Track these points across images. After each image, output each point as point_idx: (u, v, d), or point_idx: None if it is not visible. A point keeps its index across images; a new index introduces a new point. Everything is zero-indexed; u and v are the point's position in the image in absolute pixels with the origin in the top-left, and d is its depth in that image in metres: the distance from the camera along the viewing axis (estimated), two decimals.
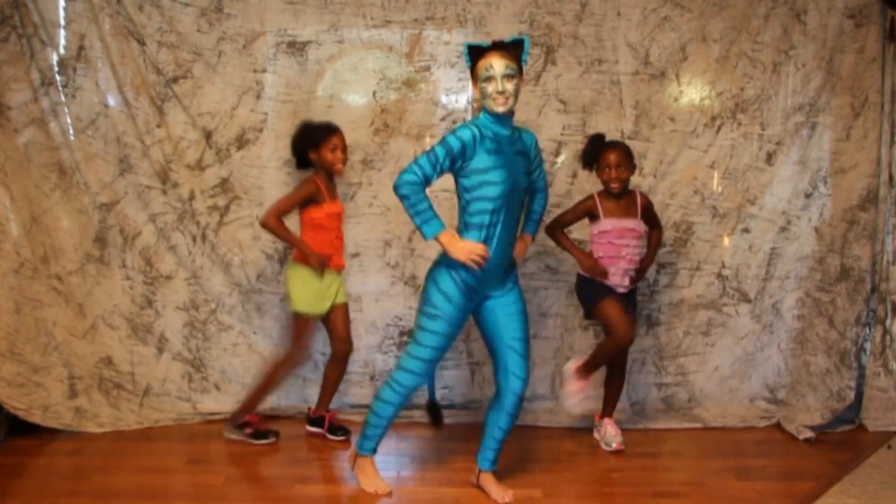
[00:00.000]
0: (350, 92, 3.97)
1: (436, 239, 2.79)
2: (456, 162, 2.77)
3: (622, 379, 3.66)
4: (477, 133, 2.77)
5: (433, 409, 3.24)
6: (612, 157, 3.42)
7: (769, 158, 4.00)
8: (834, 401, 3.85)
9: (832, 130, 3.98)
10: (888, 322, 3.93)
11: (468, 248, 2.78)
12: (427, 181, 2.78)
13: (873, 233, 3.90)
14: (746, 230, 4.02)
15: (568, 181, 3.96)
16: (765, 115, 3.99)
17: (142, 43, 3.82)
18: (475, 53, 2.81)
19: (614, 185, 3.44)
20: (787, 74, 3.97)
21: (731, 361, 4.05)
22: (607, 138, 3.55)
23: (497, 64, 2.75)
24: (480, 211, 2.81)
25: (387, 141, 3.94)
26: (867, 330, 3.94)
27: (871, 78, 3.89)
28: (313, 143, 3.45)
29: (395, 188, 2.77)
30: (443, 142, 2.77)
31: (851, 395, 3.85)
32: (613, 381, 3.64)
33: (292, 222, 3.50)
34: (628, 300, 3.53)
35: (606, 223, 3.48)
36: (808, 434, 3.67)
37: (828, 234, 3.98)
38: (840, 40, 3.92)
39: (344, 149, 3.49)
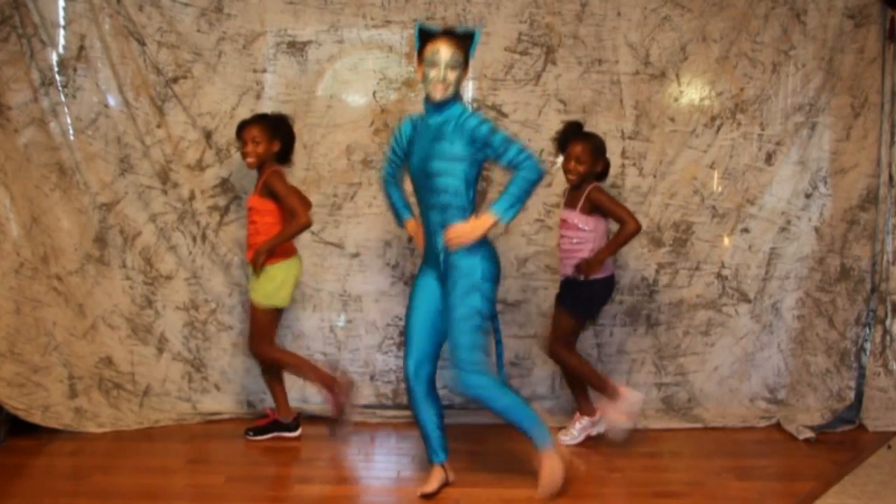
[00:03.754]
0: (350, 92, 3.97)
1: (404, 228, 3.17)
2: (403, 151, 3.00)
3: (570, 376, 3.61)
4: (402, 124, 3.01)
5: None
6: (574, 150, 3.41)
7: (769, 158, 4.00)
8: (834, 401, 3.85)
9: (832, 130, 3.98)
10: (888, 322, 3.93)
11: (417, 233, 3.09)
12: (393, 176, 3.12)
13: (873, 233, 3.90)
14: (746, 230, 4.02)
15: None
16: (765, 115, 3.99)
17: (142, 43, 3.82)
18: (425, 36, 2.83)
19: (570, 177, 3.45)
20: (787, 74, 3.97)
21: (731, 361, 4.05)
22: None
23: (444, 51, 2.78)
24: (413, 193, 3.01)
25: (387, 141, 3.94)
26: (867, 330, 3.94)
27: (871, 78, 3.89)
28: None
29: None
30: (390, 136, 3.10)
31: (851, 395, 3.85)
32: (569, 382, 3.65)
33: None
34: (562, 293, 3.54)
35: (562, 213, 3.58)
36: (808, 434, 3.67)
37: (828, 234, 3.99)
38: (840, 40, 3.92)
39: (248, 141, 3.46)
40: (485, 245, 2.88)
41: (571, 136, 3.45)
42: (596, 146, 3.45)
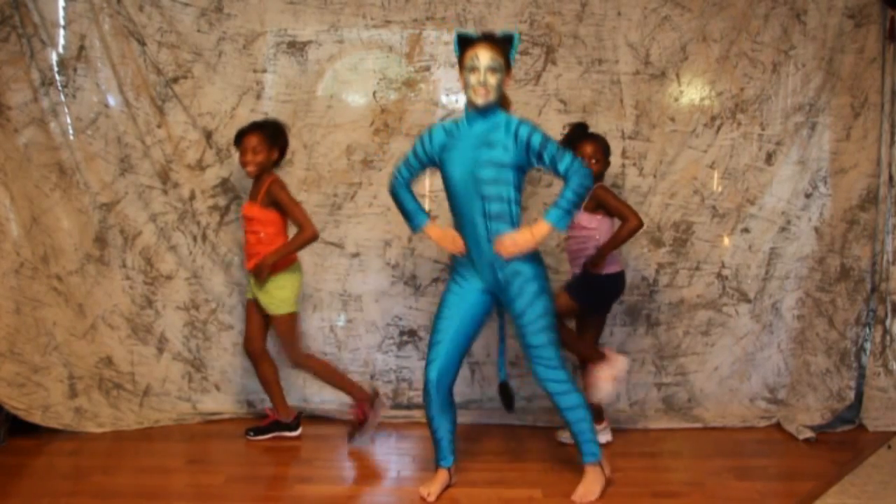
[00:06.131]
0: (350, 92, 3.97)
1: (423, 232, 3.00)
2: (430, 159, 2.93)
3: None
4: (433, 131, 2.93)
5: (505, 391, 3.13)
6: (589, 149, 3.42)
7: (769, 158, 4.00)
8: (834, 401, 3.85)
9: (832, 130, 3.98)
10: (888, 322, 3.93)
11: (448, 237, 2.94)
12: (407, 181, 3.01)
13: (873, 233, 3.90)
14: (746, 230, 4.02)
15: None
16: (765, 115, 3.99)
17: (142, 43, 3.82)
18: (464, 43, 2.82)
19: None
20: (787, 74, 3.97)
21: (731, 361, 4.05)
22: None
23: (483, 56, 2.76)
24: (450, 202, 2.93)
25: (387, 141, 3.94)
26: (867, 330, 3.94)
27: (871, 78, 3.89)
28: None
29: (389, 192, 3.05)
30: (415, 141, 2.98)
31: (851, 395, 3.85)
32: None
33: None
34: (571, 282, 3.54)
35: None
36: (808, 434, 3.67)
37: (828, 234, 3.99)
38: (840, 40, 3.92)
39: (248, 150, 3.43)
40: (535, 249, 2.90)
41: (581, 136, 3.47)
42: (606, 145, 3.50)
